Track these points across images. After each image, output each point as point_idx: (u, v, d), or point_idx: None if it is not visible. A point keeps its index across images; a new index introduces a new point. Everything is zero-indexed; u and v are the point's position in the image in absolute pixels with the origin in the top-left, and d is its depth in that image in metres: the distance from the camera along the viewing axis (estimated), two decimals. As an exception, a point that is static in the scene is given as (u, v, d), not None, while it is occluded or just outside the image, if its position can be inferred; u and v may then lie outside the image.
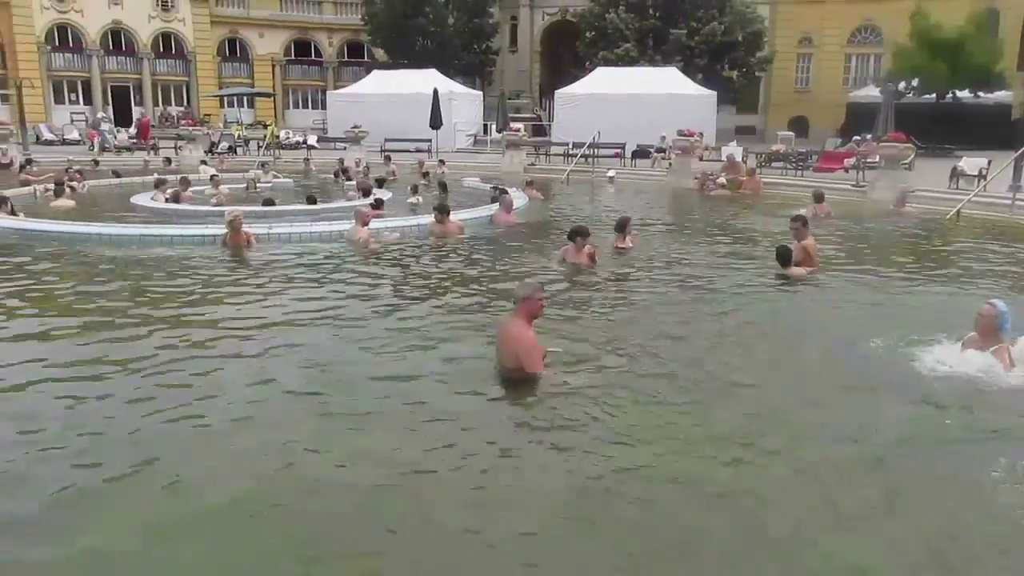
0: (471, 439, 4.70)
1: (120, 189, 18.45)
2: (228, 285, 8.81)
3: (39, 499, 3.90)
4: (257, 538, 3.67)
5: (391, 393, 5.39)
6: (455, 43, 44.05)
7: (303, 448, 4.53)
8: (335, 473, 4.26)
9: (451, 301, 8.15)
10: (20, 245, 10.89)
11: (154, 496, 3.99)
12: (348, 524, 3.80)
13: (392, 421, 4.93)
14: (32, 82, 40.34)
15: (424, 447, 4.57)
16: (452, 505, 3.99)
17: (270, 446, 4.54)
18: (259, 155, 28.10)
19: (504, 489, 4.15)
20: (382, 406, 5.15)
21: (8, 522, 3.71)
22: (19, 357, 6.05)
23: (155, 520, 3.75)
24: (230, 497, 3.97)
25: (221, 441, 4.62)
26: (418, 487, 4.14)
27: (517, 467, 4.40)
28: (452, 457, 4.46)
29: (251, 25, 49.80)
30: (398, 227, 12.07)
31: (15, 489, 4.02)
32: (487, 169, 25.48)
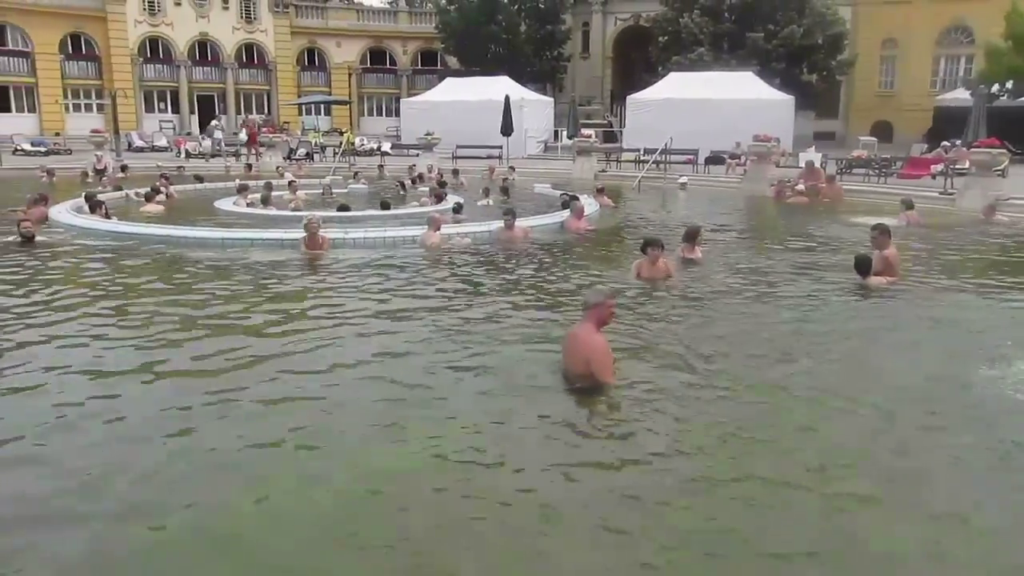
0: (537, 445, 4.67)
1: (204, 193, 19.21)
2: (304, 288, 9.05)
3: (139, 483, 4.08)
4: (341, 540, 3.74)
5: (460, 398, 5.41)
6: (527, 50, 44.26)
7: (380, 453, 4.59)
8: (408, 476, 4.29)
9: (520, 307, 8.14)
10: (113, 246, 11.46)
11: (235, 490, 4.12)
12: (417, 526, 3.83)
13: (461, 426, 4.93)
14: (125, 92, 42.57)
15: (492, 452, 4.56)
16: (517, 512, 3.97)
17: (344, 446, 4.62)
18: (335, 161, 28.81)
19: (566, 500, 4.09)
20: (452, 411, 5.17)
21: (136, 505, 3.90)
22: (108, 350, 6.38)
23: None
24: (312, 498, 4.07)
25: (285, 444, 4.73)
26: (483, 491, 4.14)
27: (580, 476, 4.34)
28: (517, 461, 4.44)
29: (329, 35, 51.25)
30: (469, 232, 12.16)
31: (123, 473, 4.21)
32: (557, 176, 25.47)
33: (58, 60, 43.48)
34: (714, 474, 4.32)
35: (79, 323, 7.30)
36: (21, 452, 4.49)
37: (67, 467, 4.31)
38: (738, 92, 31.38)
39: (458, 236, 11.83)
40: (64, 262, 10.49)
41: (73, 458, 4.40)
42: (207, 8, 46.69)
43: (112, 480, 4.18)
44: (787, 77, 36.22)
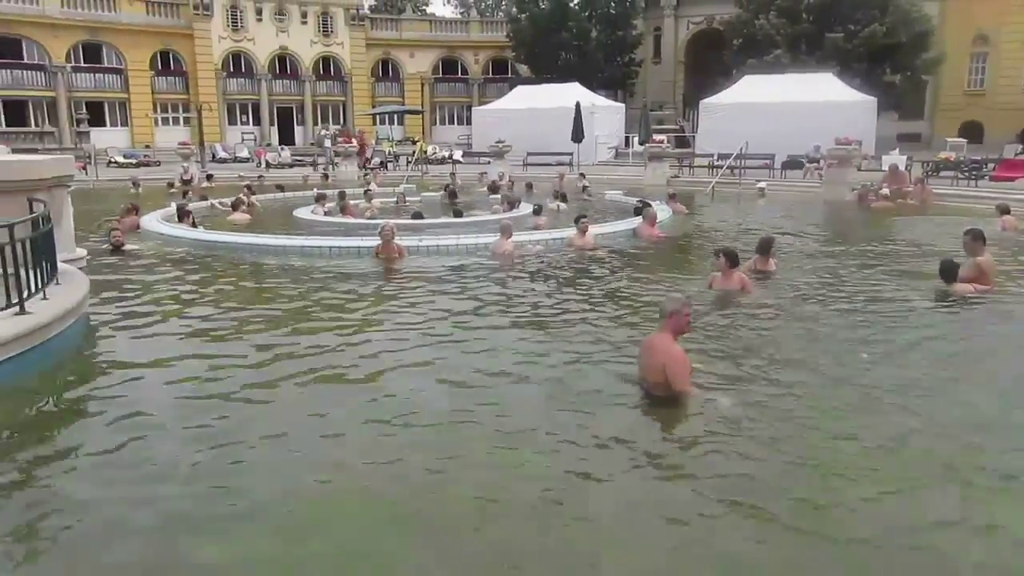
0: (610, 456, 4.60)
1: (284, 203, 19.81)
2: (379, 294, 9.22)
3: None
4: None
5: (532, 407, 5.38)
6: (598, 56, 44.11)
7: (451, 461, 4.61)
8: (481, 486, 4.29)
9: (592, 314, 8.07)
10: (199, 254, 11.95)
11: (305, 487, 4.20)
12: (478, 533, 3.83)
13: (533, 435, 4.91)
14: (210, 105, 44.46)
15: (565, 462, 4.52)
16: (589, 523, 3.92)
17: (415, 458, 4.66)
18: (408, 170, 29.31)
19: (640, 514, 4.01)
20: (523, 420, 5.14)
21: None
22: (195, 351, 6.66)
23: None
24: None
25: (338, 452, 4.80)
26: (559, 502, 4.10)
27: (656, 488, 4.26)
28: (592, 471, 4.39)
29: (403, 46, 52.31)
30: (541, 239, 12.15)
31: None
32: (629, 182, 25.24)
33: (149, 76, 45.74)
34: (784, 495, 4.16)
35: (169, 325, 7.64)
36: (136, 441, 4.71)
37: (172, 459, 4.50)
38: (816, 94, 30.46)
39: (530, 243, 11.85)
40: (151, 268, 10.97)
41: (175, 450, 4.59)
42: (287, 23, 48.32)
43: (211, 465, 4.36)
44: (869, 77, 34.94)
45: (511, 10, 51.25)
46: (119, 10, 44.49)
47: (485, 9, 67.47)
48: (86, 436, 4.93)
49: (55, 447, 4.81)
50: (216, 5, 46.13)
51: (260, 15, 47.54)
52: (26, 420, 5.21)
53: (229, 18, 46.82)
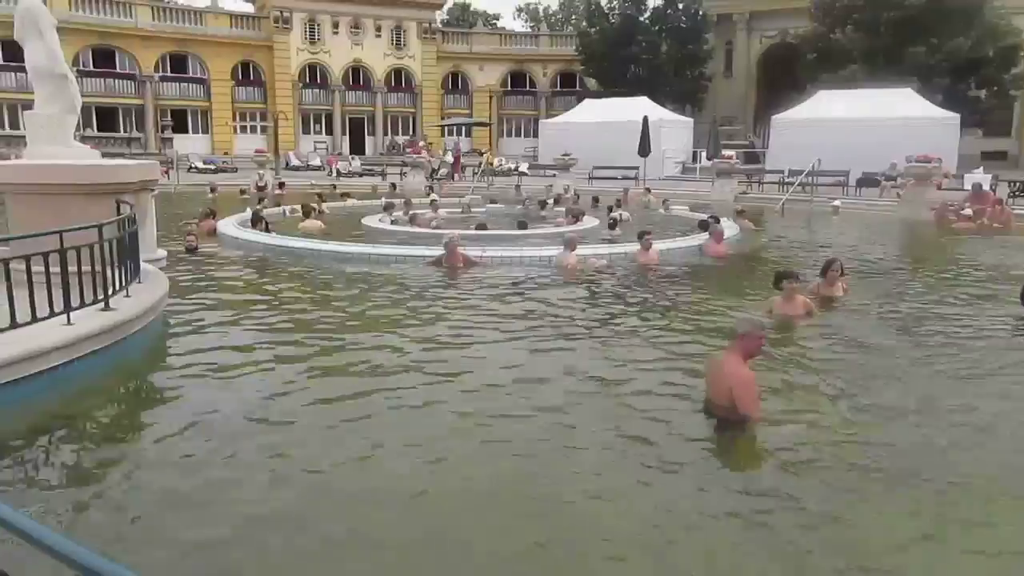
0: (672, 477, 4.53)
1: (353, 210, 20.25)
2: (442, 303, 9.32)
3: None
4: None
5: (592, 423, 5.33)
6: (667, 70, 43.78)
7: (514, 472, 4.63)
8: (544, 499, 4.29)
9: (654, 331, 7.98)
10: (271, 258, 12.33)
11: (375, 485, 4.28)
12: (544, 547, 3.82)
13: (591, 451, 4.87)
14: (286, 115, 45.91)
15: (627, 480, 4.48)
16: (646, 546, 3.87)
17: (478, 472, 4.69)
18: (474, 181, 29.61)
19: (699, 545, 3.92)
20: (584, 436, 5.10)
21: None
22: (263, 350, 6.89)
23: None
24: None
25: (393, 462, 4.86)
26: (615, 520, 4.07)
27: (721, 514, 4.16)
28: (655, 495, 4.33)
29: (472, 59, 53.03)
30: (605, 254, 12.10)
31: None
32: (695, 198, 24.89)
33: (229, 86, 47.59)
34: (857, 533, 4.01)
35: (239, 324, 7.91)
36: (210, 434, 4.90)
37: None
38: (895, 110, 29.49)
39: (594, 258, 11.81)
40: (225, 270, 11.39)
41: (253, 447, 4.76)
42: (361, 36, 49.63)
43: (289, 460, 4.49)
44: (951, 93, 33.67)
45: (581, 24, 51.37)
46: (205, 23, 46.52)
47: (555, 23, 67.86)
48: (163, 426, 5.15)
49: (137, 436, 5.08)
50: (295, 18, 47.73)
51: (336, 28, 48.95)
52: (110, 410, 5.51)
53: (307, 31, 48.37)
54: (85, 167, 8.08)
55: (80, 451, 4.77)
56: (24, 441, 4.75)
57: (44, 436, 4.84)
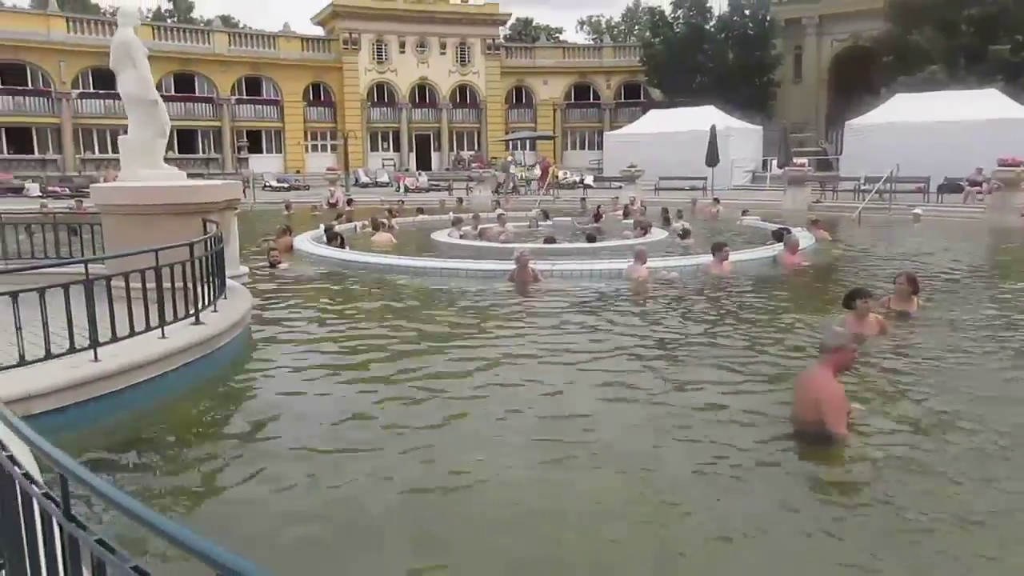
0: (756, 496, 4.41)
1: (423, 225, 20.57)
2: (513, 317, 9.36)
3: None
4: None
5: (670, 439, 5.24)
6: (734, 78, 43.05)
7: (605, 488, 4.60)
8: (616, 516, 4.25)
9: (730, 344, 7.83)
10: (345, 273, 12.64)
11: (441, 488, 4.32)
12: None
13: (672, 468, 4.79)
14: (355, 133, 47.10)
15: (707, 498, 4.39)
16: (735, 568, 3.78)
17: (553, 480, 4.68)
18: (540, 195, 29.72)
19: (780, 553, 3.82)
20: (662, 454, 5.03)
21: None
22: (340, 361, 7.07)
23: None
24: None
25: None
26: (697, 543, 3.98)
27: (804, 532, 4.03)
28: (735, 512, 4.22)
29: (536, 73, 53.36)
30: (676, 266, 11.95)
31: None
32: (766, 207, 24.36)
33: (301, 107, 49.11)
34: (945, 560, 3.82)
35: (317, 337, 8.14)
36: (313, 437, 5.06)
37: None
38: (978, 112, 28.21)
39: (664, 270, 11.67)
40: (302, 284, 11.70)
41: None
42: (427, 54, 50.57)
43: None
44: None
45: (644, 34, 51.09)
46: (278, 47, 48.20)
47: (617, 34, 67.67)
48: (250, 431, 5.45)
49: (226, 441, 5.34)
50: (363, 40, 48.99)
51: (403, 48, 50.02)
52: (201, 417, 5.77)
53: (375, 51, 49.58)
54: (175, 188, 8.46)
55: (177, 455, 5.02)
56: (127, 447, 5.00)
57: (145, 442, 5.10)
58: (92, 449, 4.85)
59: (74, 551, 1.67)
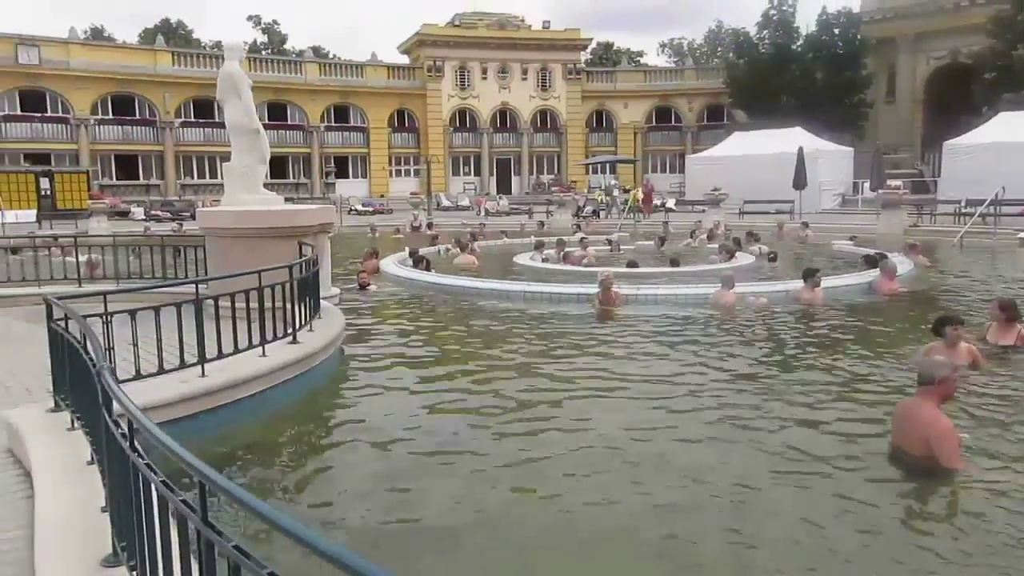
0: (864, 536, 4.22)
1: (505, 248, 20.76)
2: (596, 340, 9.30)
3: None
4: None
5: (763, 473, 5.06)
6: (822, 98, 41.91)
7: (686, 510, 4.51)
8: (717, 548, 4.15)
9: (822, 375, 7.54)
10: (430, 295, 12.88)
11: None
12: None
13: (771, 506, 4.62)
14: (438, 158, 48.15)
15: (815, 534, 4.23)
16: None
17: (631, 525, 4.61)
18: (620, 218, 29.56)
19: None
20: (757, 490, 4.85)
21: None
22: (425, 381, 7.21)
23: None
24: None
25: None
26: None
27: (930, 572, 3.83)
28: (845, 552, 4.05)
29: (617, 97, 53.41)
30: (765, 292, 11.64)
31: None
32: (858, 232, 23.45)
33: (386, 133, 50.65)
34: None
35: (404, 357, 8.32)
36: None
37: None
38: (1093, 131, 26.53)
39: (752, 296, 11.39)
40: (390, 306, 12.00)
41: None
42: (508, 80, 51.40)
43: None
44: None
45: (728, 56, 50.36)
46: (365, 75, 49.96)
47: (700, 56, 67.01)
48: (344, 449, 5.68)
49: (322, 455, 5.59)
50: (447, 67, 50.24)
51: (485, 74, 51.00)
52: (298, 433, 6.02)
53: (458, 78, 50.75)
54: (274, 212, 8.85)
55: (277, 468, 5.27)
56: (231, 460, 5.24)
57: (247, 456, 5.33)
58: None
59: (210, 556, 1.76)
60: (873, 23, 44.36)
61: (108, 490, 3.04)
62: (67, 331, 4.32)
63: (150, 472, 2.14)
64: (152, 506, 2.16)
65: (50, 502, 3.40)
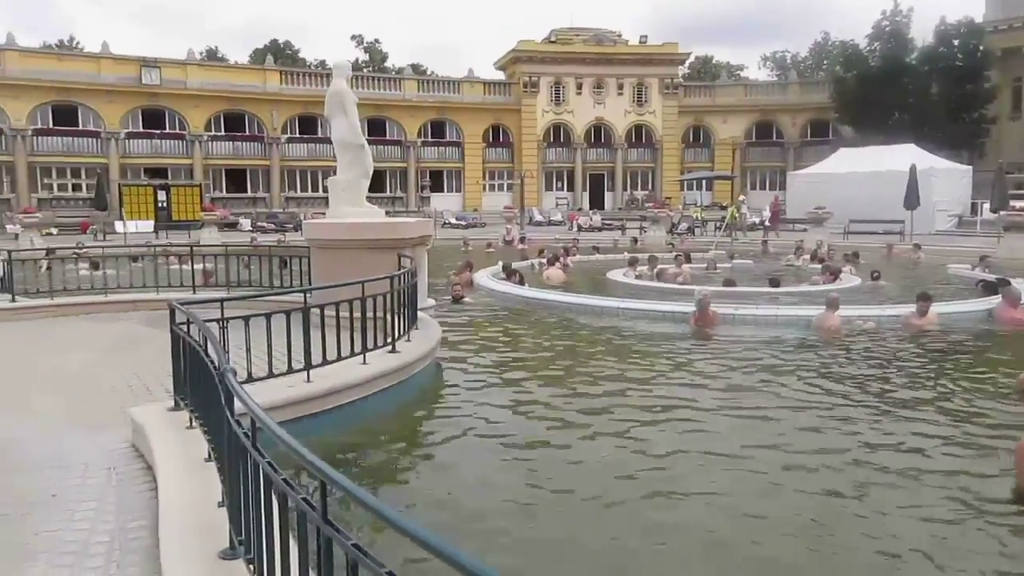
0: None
1: (596, 264, 20.64)
2: (692, 360, 9.10)
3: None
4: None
5: (884, 506, 4.82)
6: (938, 114, 39.73)
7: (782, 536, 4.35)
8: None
9: (933, 406, 7.11)
10: (523, 309, 12.94)
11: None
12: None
13: (892, 543, 4.38)
14: (531, 173, 48.46)
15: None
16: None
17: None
18: (717, 236, 28.90)
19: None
20: (879, 525, 4.62)
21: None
22: (517, 395, 7.24)
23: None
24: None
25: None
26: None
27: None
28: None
29: (715, 112, 52.37)
30: (872, 316, 11.10)
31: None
32: (976, 255, 22.02)
33: (481, 148, 51.42)
34: None
35: (497, 368, 8.40)
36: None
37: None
38: None
39: (860, 320, 10.88)
40: (483, 318, 12.13)
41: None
42: (603, 95, 51.27)
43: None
44: None
45: (835, 69, 48.50)
46: (462, 91, 50.95)
47: (805, 70, 64.88)
48: (443, 451, 5.91)
49: (419, 464, 5.76)
50: (542, 82, 50.62)
51: (580, 89, 51.07)
52: (396, 440, 6.16)
53: (552, 93, 51.02)
54: (376, 224, 9.15)
55: (377, 473, 5.47)
56: (333, 464, 5.38)
57: (348, 460, 5.52)
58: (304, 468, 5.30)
59: (328, 553, 1.82)
60: (998, 33, 41.73)
61: (226, 486, 3.20)
62: (188, 334, 4.58)
63: (272, 470, 2.24)
64: (272, 503, 2.26)
65: (171, 496, 3.60)
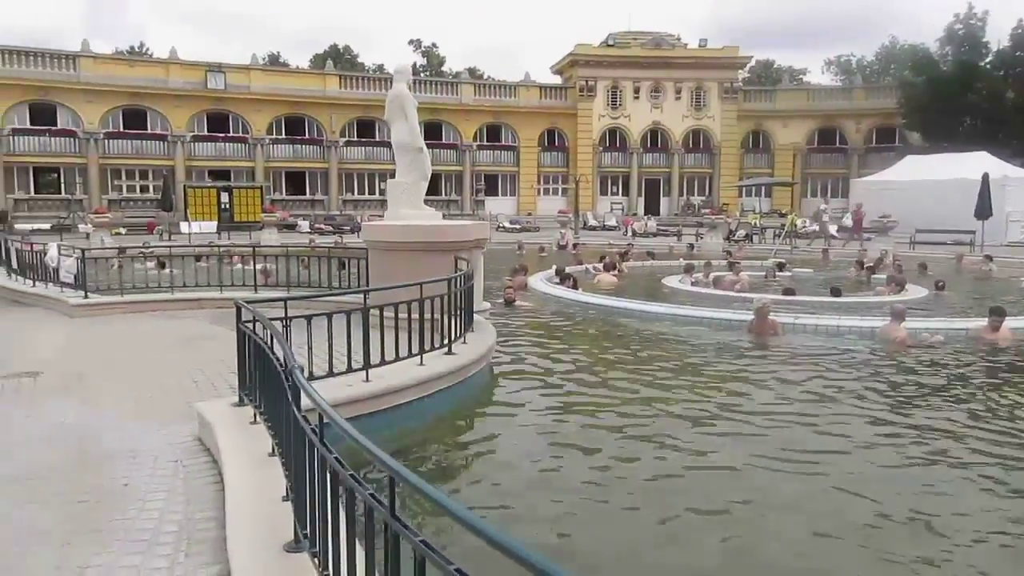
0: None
1: (651, 270, 20.46)
2: (750, 370, 8.93)
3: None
4: None
5: (952, 529, 4.67)
6: (1015, 121, 38.12)
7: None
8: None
9: (1005, 423, 6.82)
10: (576, 313, 12.91)
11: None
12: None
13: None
14: (586, 177, 48.26)
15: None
16: None
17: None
18: (776, 244, 28.30)
19: None
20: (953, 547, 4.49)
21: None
22: (570, 398, 7.22)
23: None
24: None
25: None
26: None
27: None
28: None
29: (775, 117, 51.32)
30: (941, 329, 10.72)
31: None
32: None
33: (536, 152, 51.45)
34: None
35: (550, 372, 8.42)
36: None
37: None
38: None
39: (927, 332, 10.51)
40: (537, 322, 12.12)
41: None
42: (661, 99, 50.76)
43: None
44: None
45: (903, 73, 46.98)
46: (518, 96, 51.09)
47: (870, 74, 63.10)
48: (497, 453, 6.04)
49: (474, 464, 5.83)
50: (599, 86, 50.39)
51: (637, 93, 50.66)
52: (453, 440, 6.27)
53: (609, 97, 50.74)
54: (434, 227, 9.24)
55: (434, 473, 5.53)
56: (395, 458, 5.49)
57: (406, 460, 5.54)
58: (363, 464, 5.39)
59: (395, 549, 1.85)
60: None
61: (290, 480, 3.27)
62: (254, 332, 4.70)
63: (339, 465, 2.28)
64: (338, 497, 2.30)
65: (237, 489, 3.71)
